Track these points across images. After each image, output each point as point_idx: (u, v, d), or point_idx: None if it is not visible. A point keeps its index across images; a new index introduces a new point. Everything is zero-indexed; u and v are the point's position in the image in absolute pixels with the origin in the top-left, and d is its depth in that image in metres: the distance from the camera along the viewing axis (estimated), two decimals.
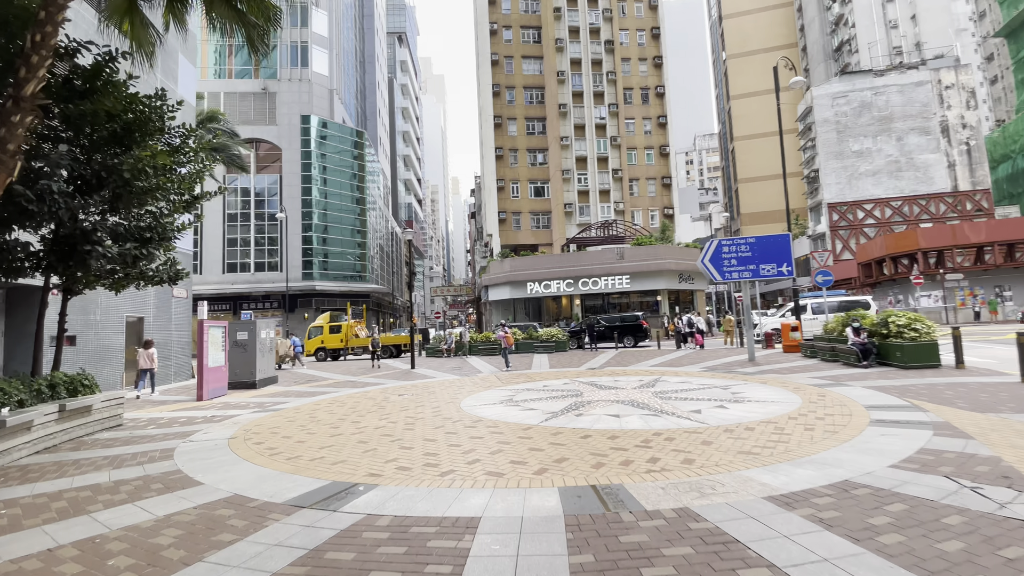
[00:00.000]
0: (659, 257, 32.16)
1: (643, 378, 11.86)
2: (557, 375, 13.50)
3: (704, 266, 14.99)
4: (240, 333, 15.10)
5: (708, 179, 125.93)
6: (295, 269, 37.78)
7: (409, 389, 12.17)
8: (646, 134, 42.98)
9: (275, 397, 12.27)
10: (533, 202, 42.16)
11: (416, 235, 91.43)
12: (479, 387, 11.75)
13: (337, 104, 42.44)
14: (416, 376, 15.46)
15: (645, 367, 14.57)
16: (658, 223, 41.66)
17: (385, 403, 10.01)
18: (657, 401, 8.54)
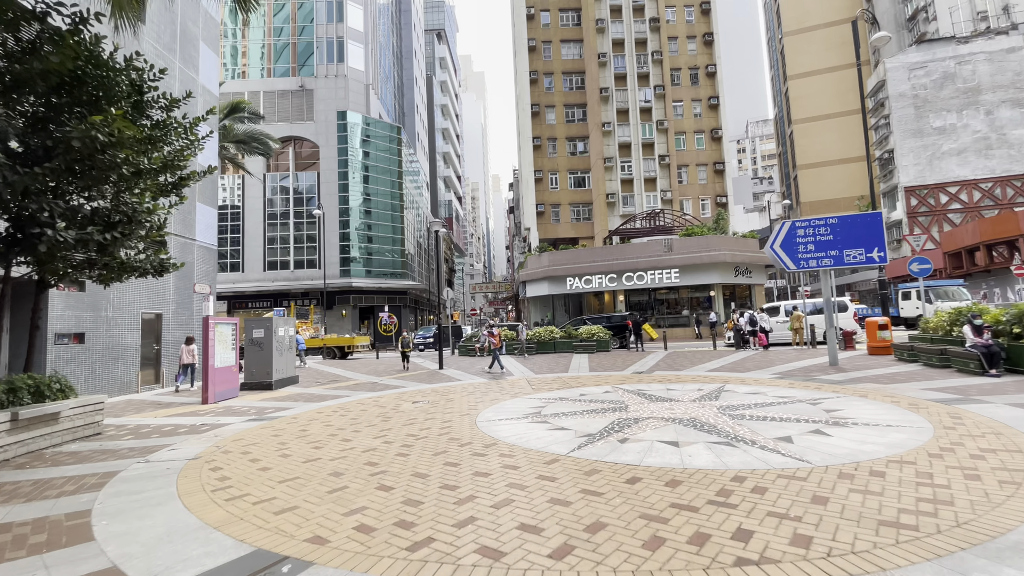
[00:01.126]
0: (712, 248, 29.42)
1: (702, 387, 9.83)
2: (597, 380, 11.65)
3: (774, 253, 12.68)
4: (256, 331, 14.13)
5: (762, 168, 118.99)
6: (333, 266, 37.49)
7: (427, 395, 10.67)
8: (696, 117, 39.93)
9: (284, 401, 11.09)
10: (573, 193, 40.06)
11: (456, 232, 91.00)
12: (505, 394, 10.09)
13: (373, 99, 41.92)
14: (441, 378, 14.00)
15: (702, 371, 12.46)
16: (710, 212, 38.61)
17: (393, 413, 8.53)
18: (727, 421, 6.58)
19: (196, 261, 16.82)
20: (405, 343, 17.57)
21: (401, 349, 17.55)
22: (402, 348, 17.54)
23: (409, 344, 17.40)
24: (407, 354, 17.55)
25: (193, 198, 16.74)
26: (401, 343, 17.59)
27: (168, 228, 13.84)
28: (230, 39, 40.52)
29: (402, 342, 17.62)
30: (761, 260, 31.15)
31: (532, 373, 14.12)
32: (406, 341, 17.64)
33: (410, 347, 17.50)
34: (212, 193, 17.73)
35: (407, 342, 17.61)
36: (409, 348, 17.38)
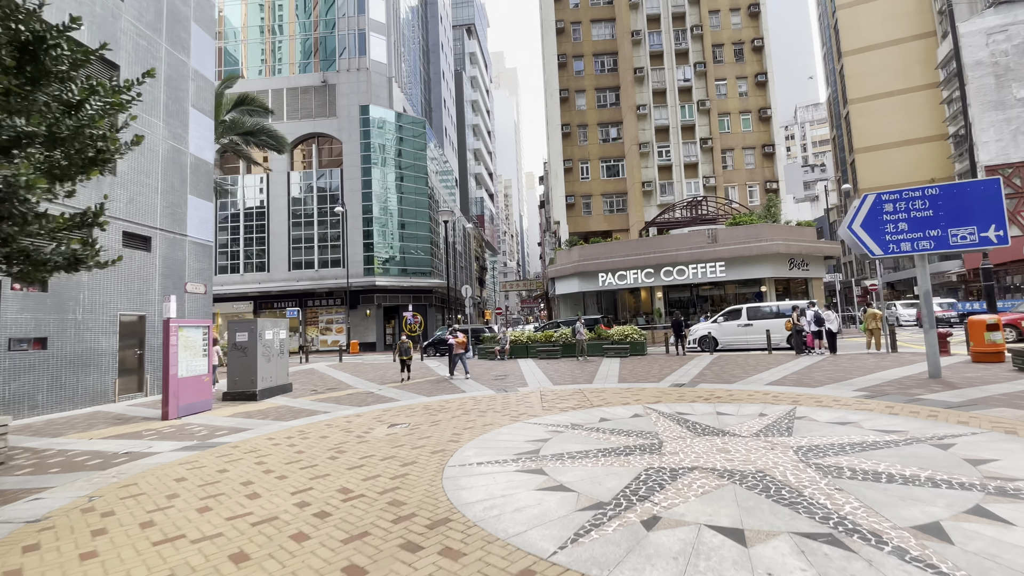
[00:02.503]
0: (763, 238, 26.28)
1: (765, 409, 7.41)
2: (626, 395, 9.37)
3: (852, 235, 10.01)
4: (240, 334, 12.61)
5: (814, 155, 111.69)
6: (356, 265, 36.40)
7: (415, 413, 8.72)
8: (741, 96, 36.45)
9: (252, 419, 9.42)
10: (605, 183, 37.39)
11: (488, 230, 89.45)
12: (505, 415, 7.99)
13: (396, 92, 40.63)
14: (444, 388, 12.04)
15: (760, 386, 9.94)
16: (759, 200, 35.12)
17: (354, 444, 6.61)
18: (816, 480, 4.25)
19: (188, 258, 15.57)
20: (404, 349, 14.33)
21: (400, 356, 14.38)
22: (401, 355, 14.35)
23: (409, 350, 14.38)
24: (407, 362, 14.38)
25: (183, 191, 15.49)
26: (399, 349, 14.42)
27: (131, 216, 12.51)
28: (255, 38, 40.13)
29: (400, 348, 14.39)
30: (818, 251, 27.71)
31: (550, 383, 11.95)
32: (405, 347, 14.34)
33: (411, 354, 14.40)
34: (206, 186, 16.50)
35: (406, 348, 14.35)
36: (409, 356, 14.39)
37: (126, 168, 13.42)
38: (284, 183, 37.99)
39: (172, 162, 15.11)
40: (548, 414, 7.94)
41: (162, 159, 14.72)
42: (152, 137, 14.39)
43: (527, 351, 20.27)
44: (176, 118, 15.39)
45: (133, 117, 7.49)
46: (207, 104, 16.87)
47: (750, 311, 18.41)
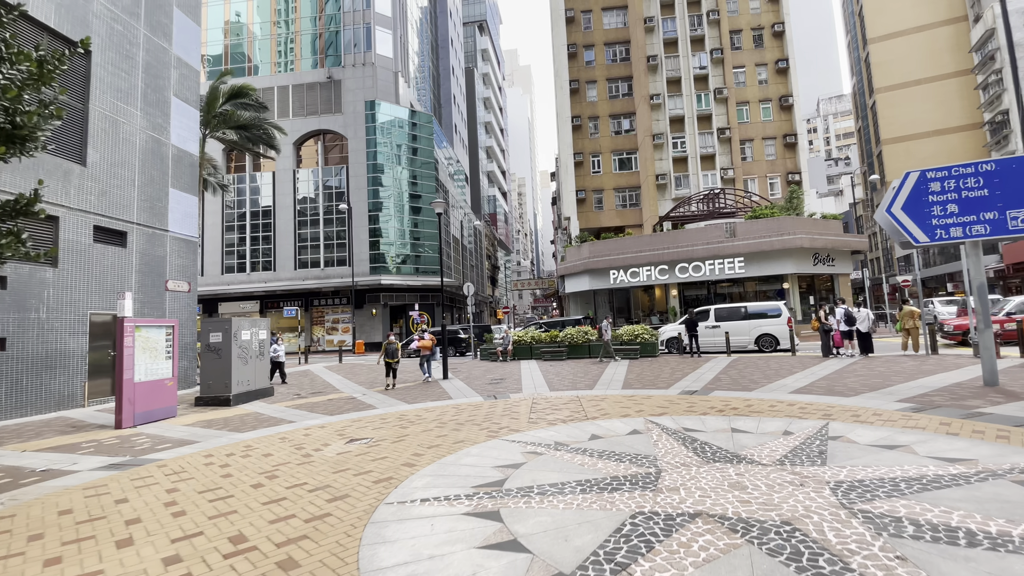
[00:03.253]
0: (785, 232, 24.69)
1: (791, 426, 6.16)
2: (627, 404, 8.17)
3: (892, 219, 8.65)
4: (213, 334, 11.75)
5: (837, 148, 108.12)
6: (362, 264, 35.68)
7: (385, 424, 7.68)
8: (761, 84, 34.68)
9: (212, 428, 8.50)
10: (618, 177, 35.96)
11: (500, 229, 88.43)
12: (483, 431, 6.88)
13: (403, 87, 39.81)
14: (429, 395, 10.99)
15: (783, 394, 8.65)
16: (780, 193, 33.36)
17: (297, 466, 5.59)
18: (865, 541, 3.05)
19: (169, 254, 14.81)
20: (390, 351, 12.76)
21: (385, 359, 12.79)
22: (386, 358, 12.78)
23: (396, 352, 12.85)
24: (393, 366, 12.78)
25: (164, 183, 14.73)
26: (385, 351, 12.83)
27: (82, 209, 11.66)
28: (261, 35, 39.72)
29: (386, 350, 12.81)
30: (845, 245, 25.97)
31: (546, 389, 10.80)
32: (391, 348, 12.77)
33: (398, 356, 12.88)
34: (190, 179, 15.73)
35: (393, 350, 12.79)
36: (396, 359, 12.82)
37: (98, 158, 12.68)
38: (290, 181, 37.48)
39: (151, 153, 14.36)
40: (533, 428, 6.80)
41: (140, 150, 13.97)
42: (128, 127, 13.65)
43: (531, 352, 19.14)
44: (156, 107, 14.64)
45: (63, 91, 6.56)
46: (191, 94, 16.11)
47: (718, 312, 17.79)
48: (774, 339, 16.51)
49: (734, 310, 17.52)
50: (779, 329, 16.43)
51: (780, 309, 16.79)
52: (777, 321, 16.21)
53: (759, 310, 16.84)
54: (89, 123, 12.62)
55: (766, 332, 16.77)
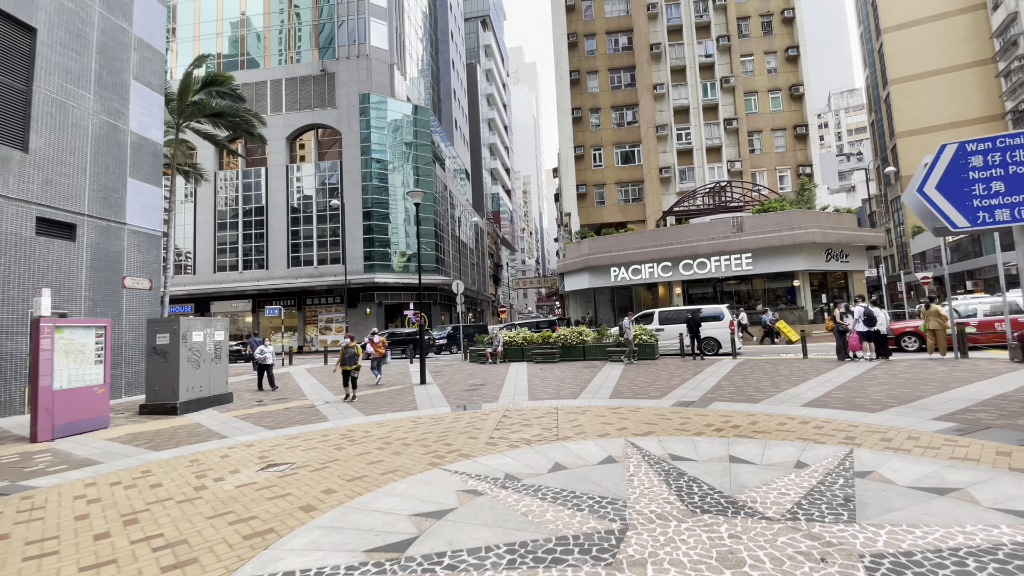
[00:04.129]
0: (795, 226, 23.27)
1: (804, 452, 4.89)
2: (610, 419, 6.94)
3: (924, 200, 7.33)
4: (160, 335, 10.66)
5: (849, 143, 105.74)
6: (356, 261, 34.65)
7: (322, 443, 6.51)
8: (770, 73, 33.15)
9: (127, 446, 7.39)
10: (620, 171, 34.60)
11: (504, 227, 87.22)
12: (429, 454, 5.69)
13: (399, 80, 38.71)
14: (392, 404, 9.82)
15: (794, 405, 7.37)
16: (790, 187, 31.86)
17: (149, 514, 4.43)
18: None
19: (127, 249, 13.77)
20: (348, 356, 10.93)
21: (343, 367, 11.00)
22: (343, 365, 10.98)
23: (356, 358, 11.06)
24: (353, 374, 10.95)
25: (121, 173, 13.69)
26: (342, 356, 10.97)
27: None
28: (254, 28, 38.80)
29: (343, 355, 10.95)
30: (860, 240, 24.49)
31: (525, 397, 9.59)
32: (350, 353, 10.96)
33: (357, 362, 11.07)
34: (153, 169, 14.69)
35: (351, 354, 10.98)
36: (357, 365, 11.04)
37: (42, 144, 11.64)
38: (283, 177, 36.54)
39: (106, 140, 13.32)
40: (488, 453, 5.59)
41: (92, 136, 12.93)
42: (79, 111, 12.61)
43: (522, 354, 17.93)
44: (112, 91, 13.59)
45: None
46: (155, 78, 15.06)
47: (662, 315, 18.04)
48: (716, 342, 16.50)
49: (678, 313, 17.83)
50: (721, 333, 16.42)
51: (723, 313, 17.15)
52: (719, 325, 16.50)
53: (703, 314, 17.09)
54: (32, 106, 11.59)
55: (709, 336, 16.31)
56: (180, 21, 39.73)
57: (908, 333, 14.59)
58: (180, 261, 37.19)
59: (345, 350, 11.12)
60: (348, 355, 11.06)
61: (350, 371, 11.01)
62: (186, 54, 39.09)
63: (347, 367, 11.01)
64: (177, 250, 37.19)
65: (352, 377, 11.02)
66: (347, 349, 11.13)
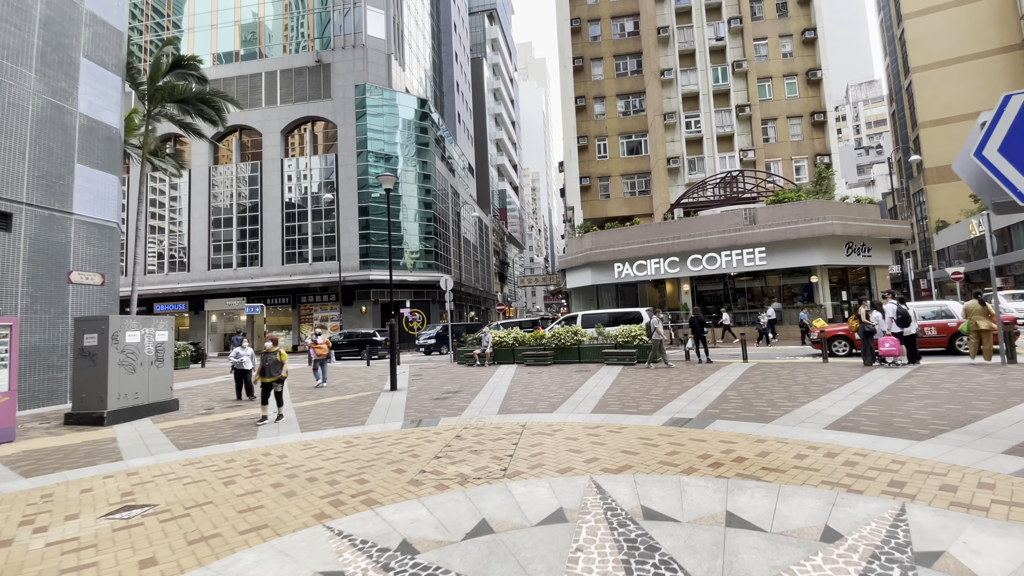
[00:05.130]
0: (813, 217, 21.53)
1: (835, 511, 3.42)
2: (581, 444, 5.52)
3: (985, 166, 5.72)
4: (88, 336, 9.47)
5: (868, 136, 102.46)
6: (351, 258, 33.51)
7: (197, 481, 5.19)
8: (785, 57, 31.25)
9: (7, 466, 6.13)
10: (625, 162, 32.95)
11: (511, 224, 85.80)
12: (325, 499, 4.32)
13: (397, 70, 37.46)
14: (341, 418, 8.49)
15: (814, 427, 5.85)
16: (807, 178, 29.99)
17: None
18: None
19: (75, 241, 12.64)
20: (269, 365, 8.36)
21: (261, 378, 8.37)
22: (262, 376, 8.36)
23: (279, 367, 8.47)
24: (276, 388, 8.44)
25: (68, 158, 12.55)
26: (261, 365, 8.42)
27: None
28: (248, 19, 37.81)
29: (263, 363, 8.41)
30: (883, 233, 22.64)
31: (494, 410, 8.20)
32: (271, 361, 8.40)
33: (281, 374, 8.47)
34: (107, 154, 13.55)
35: (272, 362, 8.42)
36: (277, 376, 8.41)
37: None
38: (278, 171, 35.53)
39: (50, 122, 12.18)
40: (403, 498, 4.20)
41: (33, 118, 11.80)
42: (17, 89, 11.48)
43: (513, 355, 16.55)
44: (58, 69, 12.45)
45: None
46: (110, 57, 13.91)
47: (584, 318, 18.11)
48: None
49: (599, 316, 18.06)
50: None
51: (642, 316, 17.27)
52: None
53: (622, 318, 17.40)
54: None
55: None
56: (197, 10, 38.90)
57: (838, 337, 13.72)
58: (175, 258, 36.40)
59: (265, 357, 8.52)
60: (268, 363, 8.44)
61: (271, 384, 8.42)
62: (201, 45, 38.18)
63: (267, 378, 8.39)
64: (171, 246, 36.41)
65: (276, 392, 8.49)
66: (267, 356, 8.54)
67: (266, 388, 8.45)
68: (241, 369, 11.60)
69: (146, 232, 36.30)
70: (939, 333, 12.63)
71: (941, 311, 12.87)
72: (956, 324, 12.34)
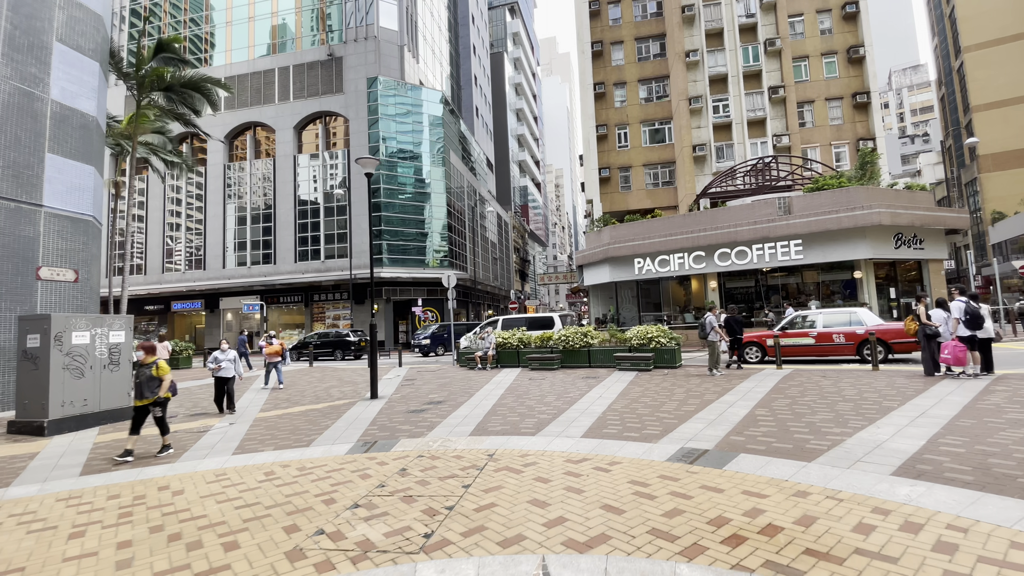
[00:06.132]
0: (856, 206, 19.35)
1: None
2: (551, 489, 4.09)
3: None
4: (31, 336, 8.56)
5: (913, 124, 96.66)
6: (363, 255, 32.69)
7: (38, 532, 3.99)
8: (823, 34, 28.75)
9: None
10: (648, 151, 31.00)
11: (536, 222, 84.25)
12: (161, 570, 3.03)
13: (410, 62, 36.46)
14: (302, 431, 7.26)
15: (880, 475, 4.25)
16: (849, 164, 27.51)
17: None
18: None
19: (44, 235, 11.87)
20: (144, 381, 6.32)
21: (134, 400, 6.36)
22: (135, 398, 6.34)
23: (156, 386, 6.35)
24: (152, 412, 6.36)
25: (38, 147, 11.78)
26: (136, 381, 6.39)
27: None
28: (262, 14, 37.45)
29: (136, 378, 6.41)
30: (938, 223, 20.26)
31: (470, 427, 6.82)
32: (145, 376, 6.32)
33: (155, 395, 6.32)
34: (82, 144, 12.78)
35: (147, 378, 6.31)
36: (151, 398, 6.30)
37: None
38: (291, 168, 35.03)
39: (16, 109, 11.41)
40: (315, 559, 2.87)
41: None
42: None
43: (518, 358, 15.16)
44: (27, 53, 11.69)
45: None
46: (87, 42, 13.13)
47: (505, 322, 18.33)
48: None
49: (517, 320, 18.46)
50: None
51: (555, 320, 17.57)
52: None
53: (540, 321, 17.64)
54: None
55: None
56: (214, 7, 38.90)
57: (752, 343, 13.54)
58: (192, 256, 36.38)
59: (138, 371, 6.39)
60: (142, 379, 6.31)
61: (145, 407, 6.30)
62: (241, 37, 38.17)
63: (139, 401, 6.29)
64: (188, 244, 36.40)
65: (156, 417, 6.38)
66: (140, 370, 6.36)
67: (140, 413, 6.31)
68: (220, 376, 9.71)
69: (163, 230, 36.44)
70: None
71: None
72: None
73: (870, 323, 12.44)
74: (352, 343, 23.30)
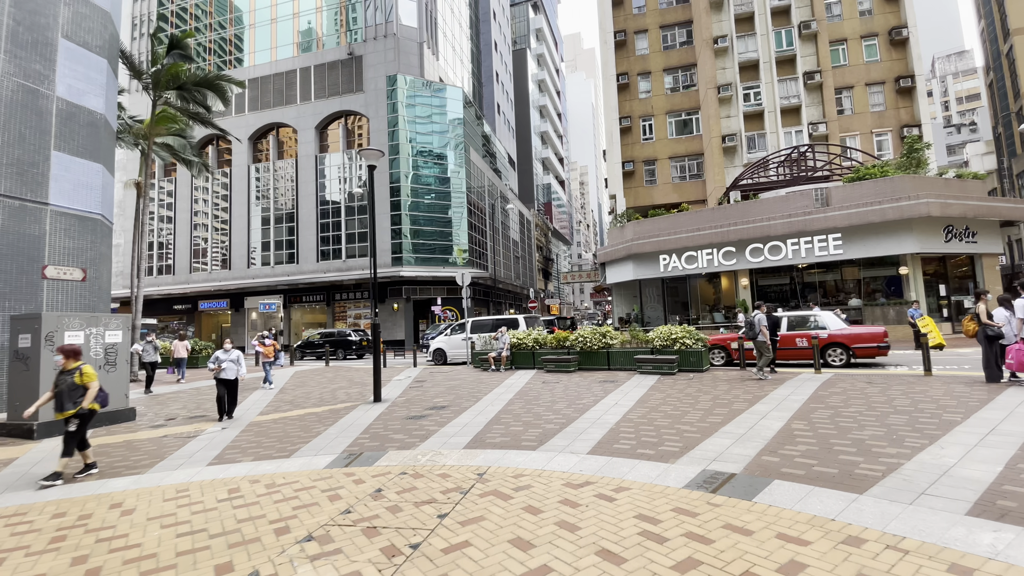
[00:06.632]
0: (902, 196, 17.90)
1: None
2: (542, 522, 3.39)
3: None
4: (22, 336, 8.34)
5: (959, 113, 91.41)
6: (384, 255, 32.51)
7: None
8: (863, 15, 26.96)
9: None
10: (674, 143, 29.73)
11: (561, 220, 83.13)
12: None
13: (430, 59, 36.10)
14: (290, 438, 6.75)
15: (953, 515, 3.38)
16: (892, 154, 25.74)
17: None
18: None
19: (50, 233, 11.78)
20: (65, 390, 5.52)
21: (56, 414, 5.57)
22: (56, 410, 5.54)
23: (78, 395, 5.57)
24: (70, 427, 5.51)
25: (44, 145, 11.70)
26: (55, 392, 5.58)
27: None
28: (284, 15, 37.73)
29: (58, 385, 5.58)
30: (992, 214, 18.63)
31: (466, 440, 6.16)
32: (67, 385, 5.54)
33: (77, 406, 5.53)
34: (90, 142, 12.69)
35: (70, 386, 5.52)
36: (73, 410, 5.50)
37: None
38: (313, 168, 35.14)
39: (21, 106, 11.34)
40: None
41: (3, 102, 10.97)
42: None
43: (533, 359, 14.45)
44: (30, 50, 11.61)
45: None
46: (94, 38, 13.03)
47: (474, 324, 18.13)
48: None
49: (484, 323, 18.17)
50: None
51: (519, 321, 17.38)
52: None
53: (505, 323, 17.44)
54: None
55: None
56: (238, 10, 39.53)
57: (717, 346, 13.44)
58: (218, 256, 36.96)
59: (59, 379, 5.63)
60: (64, 387, 5.52)
61: (69, 419, 5.48)
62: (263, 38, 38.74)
63: (59, 414, 5.50)
64: (215, 244, 37.00)
65: (67, 432, 5.49)
66: (61, 377, 5.62)
67: (68, 437, 5.50)
68: (221, 379, 8.90)
69: (191, 231, 37.13)
70: None
71: None
72: None
73: (833, 327, 12.29)
74: (354, 342, 23.21)
